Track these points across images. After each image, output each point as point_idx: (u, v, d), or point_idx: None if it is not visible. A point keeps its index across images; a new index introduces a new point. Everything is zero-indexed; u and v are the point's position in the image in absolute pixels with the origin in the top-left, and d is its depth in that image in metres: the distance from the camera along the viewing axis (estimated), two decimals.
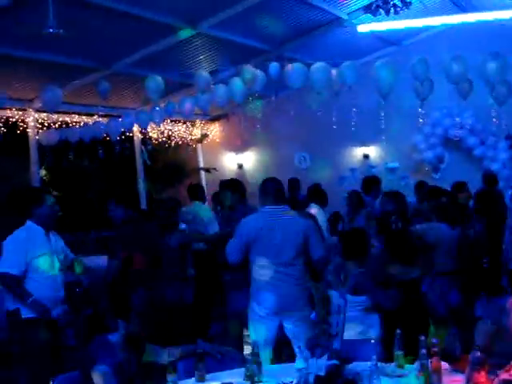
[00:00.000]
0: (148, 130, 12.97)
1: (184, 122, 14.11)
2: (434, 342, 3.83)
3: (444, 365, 3.85)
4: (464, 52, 8.53)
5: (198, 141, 14.63)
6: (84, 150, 11.98)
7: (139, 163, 13.39)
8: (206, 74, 9.46)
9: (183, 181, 13.01)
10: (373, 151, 13.42)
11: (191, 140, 14.49)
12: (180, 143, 14.13)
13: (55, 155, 11.68)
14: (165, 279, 6.38)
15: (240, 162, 14.64)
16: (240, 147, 14.39)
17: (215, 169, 14.44)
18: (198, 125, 14.56)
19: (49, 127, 11.24)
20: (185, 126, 14.23)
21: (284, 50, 11.13)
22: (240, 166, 14.62)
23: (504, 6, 9.91)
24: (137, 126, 11.97)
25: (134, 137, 13.11)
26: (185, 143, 14.30)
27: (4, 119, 10.29)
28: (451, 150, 12.57)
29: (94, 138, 11.43)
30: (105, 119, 11.45)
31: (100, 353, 3.76)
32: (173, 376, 3.70)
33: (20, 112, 10.71)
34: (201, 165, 14.92)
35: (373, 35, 11.60)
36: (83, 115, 11.79)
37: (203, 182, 14.30)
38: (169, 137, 13.76)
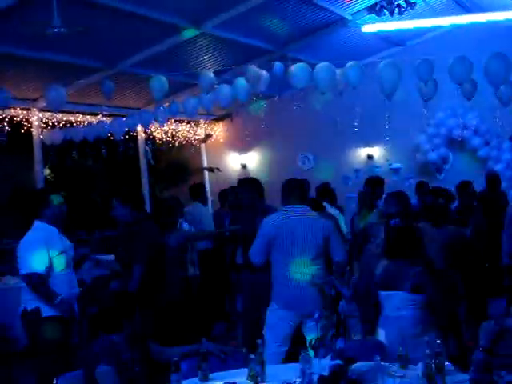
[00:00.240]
0: (152, 130, 13.00)
1: (188, 122, 14.13)
2: (438, 343, 3.83)
3: (448, 365, 3.85)
4: (468, 52, 8.52)
5: (202, 141, 14.64)
6: (88, 150, 12.00)
7: (143, 163, 13.41)
8: (210, 74, 9.46)
9: (187, 180, 13.02)
10: (377, 152, 13.41)
11: (195, 140, 14.50)
12: (184, 143, 14.14)
13: (59, 154, 11.71)
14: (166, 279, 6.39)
15: (244, 162, 14.64)
16: (244, 147, 14.40)
17: (218, 169, 14.45)
18: (202, 125, 14.58)
19: (53, 126, 11.27)
20: (189, 126, 14.25)
21: (288, 50, 11.12)
22: (244, 166, 14.62)
23: (508, 7, 9.89)
24: (141, 126, 11.99)
25: (138, 136, 13.14)
26: (189, 143, 14.30)
27: (8, 118, 10.30)
28: (455, 151, 12.55)
29: (98, 138, 11.45)
30: (109, 119, 11.47)
31: (103, 352, 3.76)
32: (176, 375, 3.70)
33: (24, 111, 10.73)
34: (204, 165, 14.93)
35: (377, 36, 11.60)
36: (87, 115, 11.81)
37: (207, 182, 14.34)
38: (173, 136, 13.77)
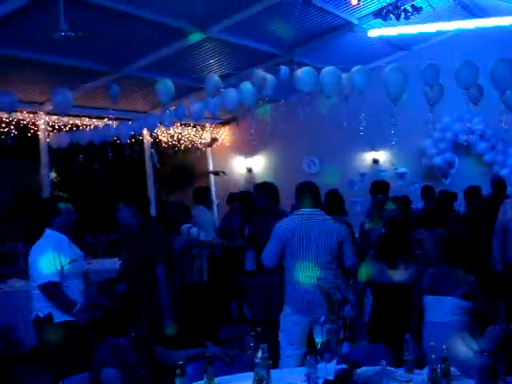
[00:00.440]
0: (158, 134, 13.01)
1: (194, 126, 14.15)
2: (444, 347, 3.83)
3: (454, 370, 3.84)
4: (474, 57, 8.51)
5: (208, 144, 14.66)
6: (94, 153, 12.02)
7: (149, 166, 13.43)
8: (216, 78, 9.47)
9: (192, 184, 13.02)
10: (382, 156, 13.40)
11: (201, 144, 14.52)
12: (190, 147, 14.15)
13: (65, 158, 11.73)
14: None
15: (249, 166, 14.65)
16: (249, 151, 14.40)
17: (224, 172, 14.46)
18: (208, 128, 14.60)
19: (59, 130, 11.31)
20: (194, 130, 14.27)
21: (294, 55, 11.13)
22: (249, 170, 14.63)
23: None
24: (147, 130, 12.01)
25: (144, 140, 13.16)
26: (194, 147, 14.32)
27: (15, 122, 10.34)
28: (461, 156, 12.53)
29: (104, 141, 11.48)
30: (115, 122, 11.50)
31: (109, 355, 3.76)
32: (182, 379, 3.70)
33: (31, 115, 10.78)
34: (210, 168, 14.94)
35: (383, 40, 11.61)
36: (94, 118, 11.85)
37: (212, 186, 14.35)
38: (178, 140, 13.79)
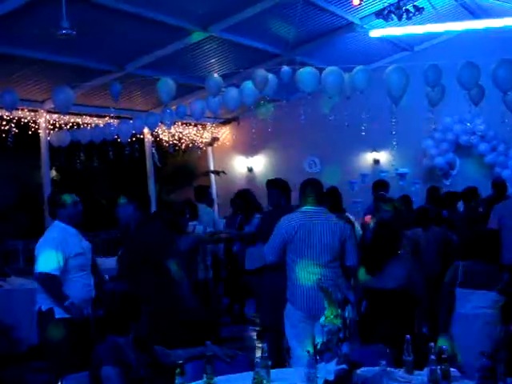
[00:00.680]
0: (159, 133, 13.00)
1: (195, 125, 14.14)
2: (444, 348, 3.82)
3: (454, 371, 3.83)
4: (476, 58, 8.51)
5: (209, 144, 14.66)
6: (95, 152, 12.01)
7: (149, 165, 13.43)
8: (218, 77, 9.46)
9: (193, 183, 13.02)
10: (383, 156, 13.40)
11: (202, 143, 14.51)
12: (190, 146, 14.15)
13: (66, 156, 11.70)
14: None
15: (250, 166, 14.66)
16: (250, 151, 14.40)
17: (224, 172, 14.46)
18: (209, 128, 14.60)
19: (60, 128, 11.30)
20: (195, 129, 14.26)
21: (296, 54, 11.12)
22: (250, 170, 14.64)
23: None
24: (147, 129, 12.00)
25: (145, 139, 13.15)
26: (195, 146, 14.31)
27: (16, 120, 10.33)
28: (462, 156, 12.54)
29: (105, 140, 11.48)
30: (116, 121, 11.50)
31: (109, 354, 3.75)
32: (181, 378, 3.69)
33: (32, 113, 10.78)
34: (211, 168, 14.94)
35: (385, 40, 11.61)
36: (94, 117, 11.85)
37: (213, 185, 14.35)
38: (179, 139, 13.79)
